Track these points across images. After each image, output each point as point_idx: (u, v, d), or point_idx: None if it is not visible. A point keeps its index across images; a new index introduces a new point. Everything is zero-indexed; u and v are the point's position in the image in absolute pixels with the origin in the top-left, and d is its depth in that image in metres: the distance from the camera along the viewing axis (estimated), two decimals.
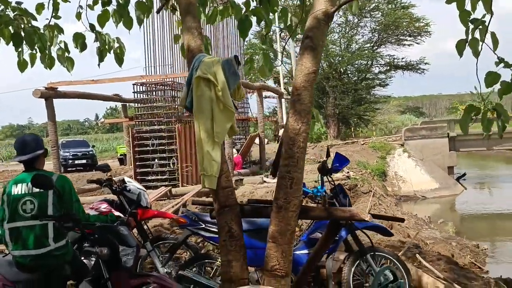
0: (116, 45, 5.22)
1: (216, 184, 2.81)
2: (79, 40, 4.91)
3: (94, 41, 5.03)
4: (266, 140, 23.19)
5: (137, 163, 14.61)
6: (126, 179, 5.02)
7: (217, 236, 4.31)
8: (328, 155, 4.70)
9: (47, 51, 4.92)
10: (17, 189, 3.41)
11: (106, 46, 5.11)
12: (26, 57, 4.90)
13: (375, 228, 4.76)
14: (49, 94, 14.08)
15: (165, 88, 14.86)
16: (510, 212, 18.34)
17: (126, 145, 19.39)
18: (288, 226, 2.73)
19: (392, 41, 36.40)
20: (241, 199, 11.52)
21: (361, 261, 4.41)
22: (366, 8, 34.02)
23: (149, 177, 14.51)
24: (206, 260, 4.53)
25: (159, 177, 14.43)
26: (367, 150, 27.75)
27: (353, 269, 4.33)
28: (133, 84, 14.56)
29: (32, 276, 3.37)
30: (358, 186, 12.44)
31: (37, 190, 3.34)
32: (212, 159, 2.77)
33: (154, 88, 14.91)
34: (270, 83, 34.73)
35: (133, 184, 4.93)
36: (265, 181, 13.56)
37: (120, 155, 29.27)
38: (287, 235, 2.74)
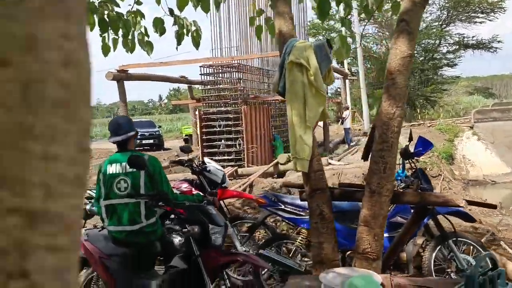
0: (193, 28, 5.36)
1: (308, 167, 2.86)
2: (159, 25, 5.08)
3: (173, 25, 5.18)
4: (328, 122, 22.97)
5: (204, 144, 14.97)
6: (206, 159, 5.18)
7: (296, 217, 4.41)
8: (410, 138, 4.61)
9: (130, 36, 5.14)
10: (112, 169, 3.62)
11: (184, 30, 5.26)
12: (109, 42, 5.15)
13: (456, 213, 4.65)
14: (121, 77, 14.65)
15: (232, 70, 15.04)
16: None
17: (192, 126, 19.85)
18: (381, 210, 2.75)
19: (463, 18, 34.68)
20: None
21: (443, 247, 4.34)
22: None
23: (216, 157, 14.83)
24: (284, 241, 4.62)
25: (225, 157, 14.73)
26: (434, 133, 26.86)
27: (434, 254, 4.28)
28: (200, 67, 14.84)
29: (126, 251, 3.60)
30: (427, 169, 12.11)
31: (130, 169, 3.52)
32: (304, 143, 2.81)
33: (220, 70, 15.12)
34: (333, 63, 34.17)
35: (212, 165, 5.08)
36: (330, 163, 13.50)
37: (185, 135, 30.07)
38: (380, 219, 2.76)
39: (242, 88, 14.97)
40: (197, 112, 15.67)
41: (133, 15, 5.14)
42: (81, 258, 3.75)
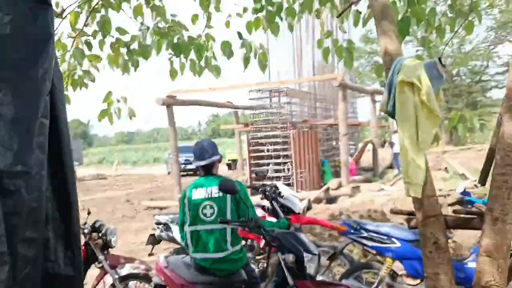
0: (260, 51, 5.27)
1: (421, 193, 2.65)
2: (227, 48, 5.01)
3: (240, 47, 5.11)
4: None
5: (252, 168, 14.84)
6: (279, 184, 5.01)
7: (381, 245, 4.14)
8: None
9: (197, 61, 5.08)
10: (197, 194, 3.50)
11: (252, 53, 5.17)
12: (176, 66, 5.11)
13: None
14: (170, 102, 14.80)
15: (280, 94, 14.97)
16: None
17: (237, 151, 19.83)
18: (505, 239, 2.49)
19: (511, 39, 33.73)
20: (360, 207, 11.21)
21: None
22: (480, 6, 31.89)
23: (264, 182, 14.67)
24: (366, 270, 4.35)
25: (274, 182, 14.53)
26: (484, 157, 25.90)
27: None
28: (249, 91, 14.83)
29: (211, 279, 3.44)
30: (486, 195, 11.53)
31: (216, 194, 3.39)
32: (417, 167, 2.62)
33: (268, 95, 15.07)
34: (376, 85, 33.83)
35: (287, 191, 4.90)
36: (383, 189, 13.10)
37: (228, 160, 30.16)
38: (504, 249, 2.50)
39: (290, 112, 14.85)
40: (244, 137, 15.60)
41: (205, 39, 5.10)
42: (160, 286, 3.61)
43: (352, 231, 4.21)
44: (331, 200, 14.37)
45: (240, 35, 5.06)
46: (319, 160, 16.12)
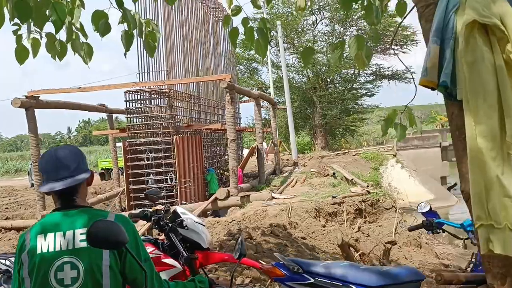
0: (148, 29, 4.00)
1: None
2: (101, 21, 3.59)
3: (119, 23, 3.77)
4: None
5: (129, 179, 13.20)
6: (179, 209, 3.68)
7: None
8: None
9: (55, 33, 3.56)
10: (47, 244, 1.96)
11: (137, 30, 3.85)
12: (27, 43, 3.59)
13: None
14: (30, 104, 12.60)
15: (162, 96, 13.54)
16: None
17: (112, 159, 17.87)
18: None
19: (379, 50, 35.84)
20: (254, 219, 10.26)
21: None
22: (352, 16, 33.37)
23: (143, 195, 13.12)
24: None
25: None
26: (359, 161, 26.87)
27: None
28: (125, 92, 13.19)
29: None
30: (380, 201, 11.33)
31: (84, 245, 1.98)
32: (506, 193, 1.51)
33: (148, 97, 13.56)
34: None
35: (190, 217, 3.61)
36: (274, 197, 12.32)
37: (101, 169, 27.66)
38: None
39: (173, 116, 13.50)
40: (120, 144, 13.87)
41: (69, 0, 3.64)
42: None
43: (290, 275, 2.99)
44: (217, 213, 13.29)
45: (120, 3, 3.69)
46: (203, 168, 14.96)
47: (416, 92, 3.32)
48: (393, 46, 35.54)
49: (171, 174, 12.90)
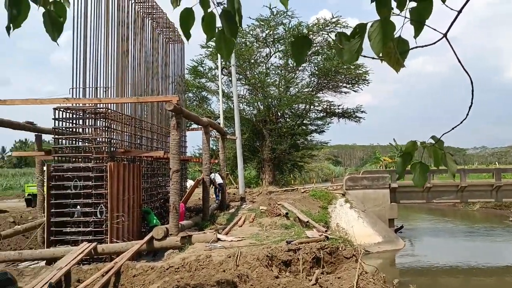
0: None
1: None
2: None
3: None
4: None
5: (52, 210, 11.27)
6: None
7: None
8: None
9: None
10: None
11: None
12: None
13: None
14: None
15: (97, 116, 11.83)
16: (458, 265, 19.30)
17: (38, 184, 15.75)
18: None
19: (330, 87, 35.58)
20: (196, 267, 8.67)
21: None
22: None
23: (67, 229, 11.22)
24: None
25: (81, 229, 11.20)
26: (308, 199, 25.86)
27: None
28: (55, 109, 11.40)
29: None
30: (340, 249, 10.02)
31: None
32: None
33: (82, 116, 11.80)
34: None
35: None
36: (219, 239, 10.78)
37: (28, 194, 25.10)
38: None
39: (108, 140, 11.78)
40: (45, 168, 11.96)
41: None
42: None
43: None
44: (154, 253, 11.56)
45: None
46: (141, 200, 13.21)
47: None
48: (344, 84, 35.43)
49: (101, 207, 11.11)
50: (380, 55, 2.21)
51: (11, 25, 2.45)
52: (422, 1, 2.21)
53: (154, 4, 15.90)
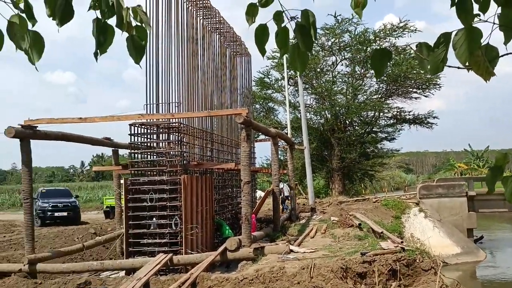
0: (136, 20, 2.69)
1: None
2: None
3: (90, 8, 2.49)
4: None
5: (129, 222, 11.73)
6: None
7: None
8: None
9: None
10: None
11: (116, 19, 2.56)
12: None
13: None
14: (26, 134, 11.35)
15: (170, 131, 12.23)
16: None
17: (115, 197, 16.50)
18: None
19: (400, 93, 34.60)
20: (270, 279, 8.67)
21: None
22: None
23: (144, 240, 11.62)
24: None
25: (157, 240, 11.56)
26: (380, 209, 25.14)
27: None
28: (130, 125, 11.91)
29: None
30: (417, 261, 9.66)
31: None
32: None
33: (156, 131, 12.25)
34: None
35: None
36: (292, 250, 10.72)
37: (107, 207, 26.32)
38: None
39: (182, 153, 12.13)
40: (122, 181, 12.49)
41: None
42: None
43: None
44: (228, 264, 11.69)
45: None
46: (213, 212, 13.46)
47: None
48: (414, 89, 34.34)
49: (176, 218, 11.42)
50: (467, 64, 2.10)
51: (98, 50, 2.58)
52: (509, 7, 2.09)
53: (221, 19, 16.29)
